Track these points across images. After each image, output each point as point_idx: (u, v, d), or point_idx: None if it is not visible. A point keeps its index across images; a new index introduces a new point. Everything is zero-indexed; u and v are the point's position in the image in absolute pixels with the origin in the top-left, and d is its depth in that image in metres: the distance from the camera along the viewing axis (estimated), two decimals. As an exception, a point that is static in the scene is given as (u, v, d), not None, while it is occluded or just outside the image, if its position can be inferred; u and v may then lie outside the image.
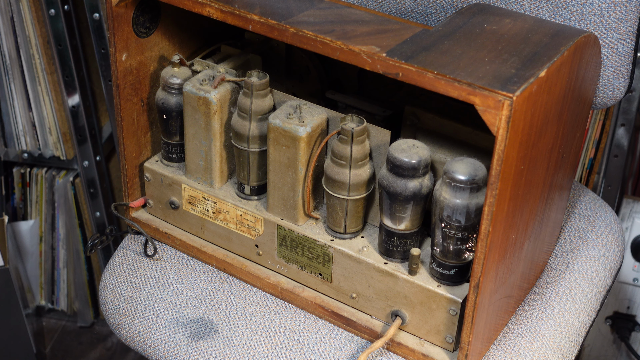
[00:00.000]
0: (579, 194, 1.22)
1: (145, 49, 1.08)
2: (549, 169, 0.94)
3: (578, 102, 0.96)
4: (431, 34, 0.89)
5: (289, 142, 0.97)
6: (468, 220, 0.89)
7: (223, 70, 1.04)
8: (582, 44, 0.91)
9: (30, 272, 1.80)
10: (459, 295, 0.93)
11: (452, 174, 0.88)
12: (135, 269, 1.12)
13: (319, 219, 1.03)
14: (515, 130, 0.79)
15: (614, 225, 1.19)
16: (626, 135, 1.48)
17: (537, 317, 1.03)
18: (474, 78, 0.80)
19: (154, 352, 1.05)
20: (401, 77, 0.83)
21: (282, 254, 1.05)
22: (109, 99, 1.60)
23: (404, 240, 0.96)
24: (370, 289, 0.99)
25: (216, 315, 1.05)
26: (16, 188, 1.74)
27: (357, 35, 0.88)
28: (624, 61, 1.04)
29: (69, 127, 1.63)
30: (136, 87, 1.09)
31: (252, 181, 1.05)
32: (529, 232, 0.95)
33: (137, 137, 1.12)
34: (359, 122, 0.95)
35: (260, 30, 0.92)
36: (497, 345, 0.99)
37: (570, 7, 1.03)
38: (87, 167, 1.66)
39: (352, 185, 0.96)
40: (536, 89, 0.81)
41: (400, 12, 1.13)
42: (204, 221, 1.10)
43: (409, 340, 0.98)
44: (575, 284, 1.09)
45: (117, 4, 1.00)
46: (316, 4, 0.96)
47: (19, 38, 1.55)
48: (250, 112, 1.00)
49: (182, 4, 0.96)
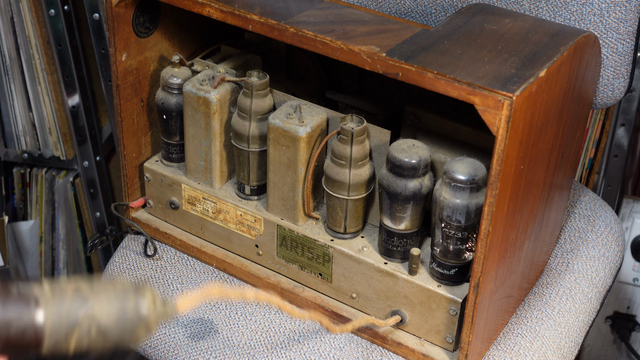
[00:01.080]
0: (579, 194, 1.22)
1: (145, 49, 1.08)
2: (549, 168, 0.94)
3: (578, 102, 0.96)
4: (431, 34, 0.89)
5: (289, 142, 0.97)
6: (468, 220, 0.89)
7: (223, 70, 1.04)
8: (582, 43, 0.91)
9: (30, 272, 1.80)
10: (459, 295, 0.93)
11: (452, 174, 0.88)
12: (135, 269, 1.12)
13: (319, 219, 1.03)
14: (515, 130, 0.79)
15: (614, 225, 1.19)
16: (626, 135, 1.48)
17: (537, 317, 1.03)
18: (473, 78, 0.80)
19: (154, 352, 1.05)
20: (401, 77, 0.83)
21: (282, 254, 1.05)
22: (109, 99, 1.60)
23: (404, 240, 0.96)
24: (370, 289, 0.99)
25: (216, 315, 1.05)
26: (16, 188, 1.74)
27: (357, 35, 0.88)
28: (623, 61, 1.04)
29: (69, 127, 1.63)
30: (136, 87, 1.09)
31: (252, 181, 1.05)
32: (529, 232, 0.95)
33: (137, 137, 1.12)
34: (359, 122, 0.95)
35: (260, 30, 0.92)
36: (497, 345, 0.99)
37: (570, 7, 1.03)
38: (87, 167, 1.66)
39: (352, 185, 0.96)
40: (536, 88, 0.81)
41: (400, 12, 1.13)
42: (204, 221, 1.10)
43: (409, 340, 0.98)
44: (575, 284, 1.09)
45: (117, 4, 1.00)
46: (316, 4, 0.96)
47: (19, 38, 1.55)
48: (250, 112, 1.00)
49: (182, 4, 0.96)
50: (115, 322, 0.52)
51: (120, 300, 0.52)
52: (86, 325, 0.51)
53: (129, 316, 0.52)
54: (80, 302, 0.51)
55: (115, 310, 0.51)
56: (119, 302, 0.52)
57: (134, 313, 0.52)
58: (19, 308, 0.50)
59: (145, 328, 0.53)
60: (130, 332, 0.52)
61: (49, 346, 0.51)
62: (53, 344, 0.51)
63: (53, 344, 0.51)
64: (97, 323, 0.51)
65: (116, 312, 0.51)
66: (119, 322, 0.52)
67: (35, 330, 0.50)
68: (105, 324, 0.51)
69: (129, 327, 0.52)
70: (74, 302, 0.51)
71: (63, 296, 0.51)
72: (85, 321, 0.51)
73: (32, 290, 0.51)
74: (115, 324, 0.52)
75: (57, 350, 0.51)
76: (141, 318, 0.52)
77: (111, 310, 0.51)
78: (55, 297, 0.51)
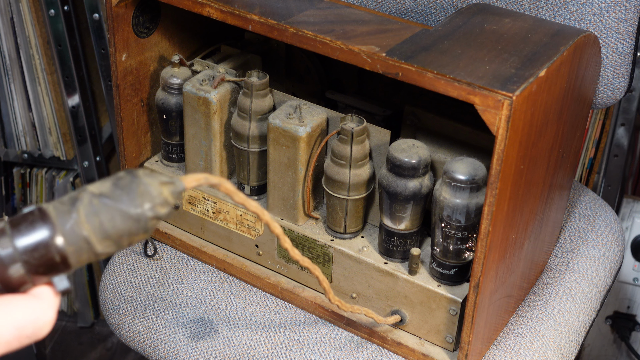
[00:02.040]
0: (579, 193, 1.22)
1: (145, 49, 1.08)
2: (548, 168, 0.94)
3: (578, 101, 0.96)
4: (431, 33, 0.89)
5: (288, 142, 0.97)
6: (468, 220, 0.89)
7: (223, 70, 1.04)
8: (582, 43, 0.91)
9: (30, 272, 1.80)
10: (459, 295, 0.93)
11: (452, 174, 0.88)
12: (135, 269, 1.12)
13: (319, 219, 1.03)
14: (515, 130, 0.79)
15: (614, 225, 1.19)
16: (626, 134, 1.48)
17: (537, 317, 1.03)
18: (473, 78, 0.80)
19: (154, 352, 1.05)
20: (401, 77, 0.83)
21: (282, 254, 1.05)
22: (109, 99, 1.60)
23: (404, 240, 0.96)
24: (370, 289, 0.99)
25: (216, 315, 1.05)
26: (16, 188, 1.74)
27: (357, 35, 0.88)
28: (623, 61, 1.04)
29: (69, 127, 1.63)
30: (136, 87, 1.09)
31: (252, 181, 1.05)
32: (529, 231, 0.95)
33: (137, 137, 1.12)
34: (358, 122, 0.95)
35: (260, 30, 0.92)
36: (497, 345, 0.99)
37: (570, 6, 1.03)
38: (87, 168, 1.66)
39: (352, 185, 0.96)
40: (536, 88, 0.81)
41: (400, 12, 1.13)
42: (204, 221, 1.10)
43: (409, 340, 0.98)
44: (576, 284, 1.09)
45: (117, 4, 1.00)
46: (316, 4, 0.96)
47: (18, 38, 1.55)
48: (250, 112, 1.00)
49: (181, 4, 0.96)
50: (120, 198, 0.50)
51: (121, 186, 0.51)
52: (94, 224, 0.50)
53: (135, 191, 0.51)
54: (82, 203, 0.50)
55: (119, 193, 0.51)
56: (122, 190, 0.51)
57: (140, 187, 0.51)
58: (36, 235, 0.49)
59: (152, 201, 0.52)
60: (141, 205, 0.51)
61: (74, 263, 0.50)
62: (77, 258, 0.50)
63: (77, 258, 0.50)
64: (101, 203, 0.50)
65: (119, 193, 0.50)
66: (125, 196, 0.50)
67: (59, 253, 0.49)
68: (107, 199, 0.50)
69: (138, 201, 0.51)
70: (80, 209, 0.50)
71: (66, 210, 0.50)
72: (92, 221, 0.50)
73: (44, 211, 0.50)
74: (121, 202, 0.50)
75: (83, 261, 0.51)
76: (147, 189, 0.51)
77: (110, 191, 0.50)
78: (59, 213, 0.50)
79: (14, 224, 0.50)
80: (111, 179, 0.52)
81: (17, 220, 0.51)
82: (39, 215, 0.50)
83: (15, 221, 0.50)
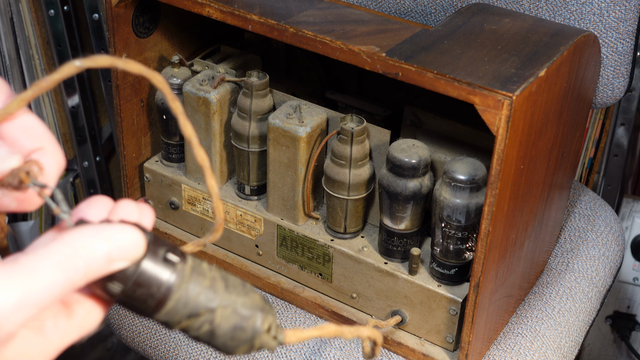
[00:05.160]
0: (579, 193, 1.22)
1: (145, 49, 1.08)
2: (548, 168, 0.94)
3: (578, 101, 0.96)
4: (431, 33, 0.89)
5: (288, 142, 0.97)
6: (468, 219, 0.89)
7: (223, 71, 1.04)
8: (582, 43, 0.91)
9: (30, 272, 1.80)
10: (459, 295, 0.93)
11: (452, 174, 0.88)
12: (136, 269, 1.12)
13: (319, 219, 1.03)
14: (515, 129, 0.79)
15: (614, 225, 1.19)
16: (626, 134, 1.48)
17: (537, 317, 1.03)
18: (473, 78, 0.80)
19: (154, 352, 1.05)
20: (401, 77, 0.83)
21: (282, 254, 1.05)
22: (108, 99, 1.60)
23: (404, 240, 0.96)
24: (370, 289, 0.99)
25: (216, 316, 1.05)
26: (16, 188, 1.74)
27: (357, 35, 0.88)
28: (623, 60, 1.04)
29: (69, 127, 1.63)
30: (136, 87, 1.09)
31: (252, 181, 1.05)
32: (529, 231, 0.95)
33: (137, 138, 1.12)
34: (358, 122, 0.95)
35: (260, 30, 0.92)
36: (497, 345, 0.99)
37: (570, 6, 1.03)
38: (87, 168, 1.66)
39: (352, 185, 0.96)
40: (536, 88, 0.81)
41: (400, 12, 1.13)
42: (204, 221, 1.10)
43: (409, 340, 0.98)
44: (576, 284, 1.09)
45: (117, 4, 1.00)
46: (316, 4, 0.96)
47: (18, 39, 1.55)
48: (250, 112, 1.00)
49: (181, 4, 0.96)
50: (228, 330, 0.51)
51: (245, 310, 0.51)
52: (202, 319, 0.50)
53: (244, 330, 0.51)
54: (210, 296, 0.50)
55: (235, 321, 0.51)
56: (243, 312, 0.51)
57: (250, 330, 0.51)
58: (158, 272, 0.49)
59: (250, 346, 0.52)
60: (235, 344, 0.52)
61: (162, 316, 0.50)
62: (165, 316, 0.50)
63: (165, 316, 0.50)
64: (213, 323, 0.50)
65: (235, 322, 0.51)
66: (232, 331, 0.51)
67: (159, 299, 0.49)
68: (219, 327, 0.51)
69: (238, 338, 0.51)
70: (205, 291, 0.50)
71: (200, 280, 0.50)
72: (204, 315, 0.50)
73: (177, 258, 0.50)
74: (227, 332, 0.51)
75: (165, 321, 0.51)
76: (254, 336, 0.51)
77: (231, 319, 0.51)
78: (193, 277, 0.50)
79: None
80: (241, 318, 0.51)
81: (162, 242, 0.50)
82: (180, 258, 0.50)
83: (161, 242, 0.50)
